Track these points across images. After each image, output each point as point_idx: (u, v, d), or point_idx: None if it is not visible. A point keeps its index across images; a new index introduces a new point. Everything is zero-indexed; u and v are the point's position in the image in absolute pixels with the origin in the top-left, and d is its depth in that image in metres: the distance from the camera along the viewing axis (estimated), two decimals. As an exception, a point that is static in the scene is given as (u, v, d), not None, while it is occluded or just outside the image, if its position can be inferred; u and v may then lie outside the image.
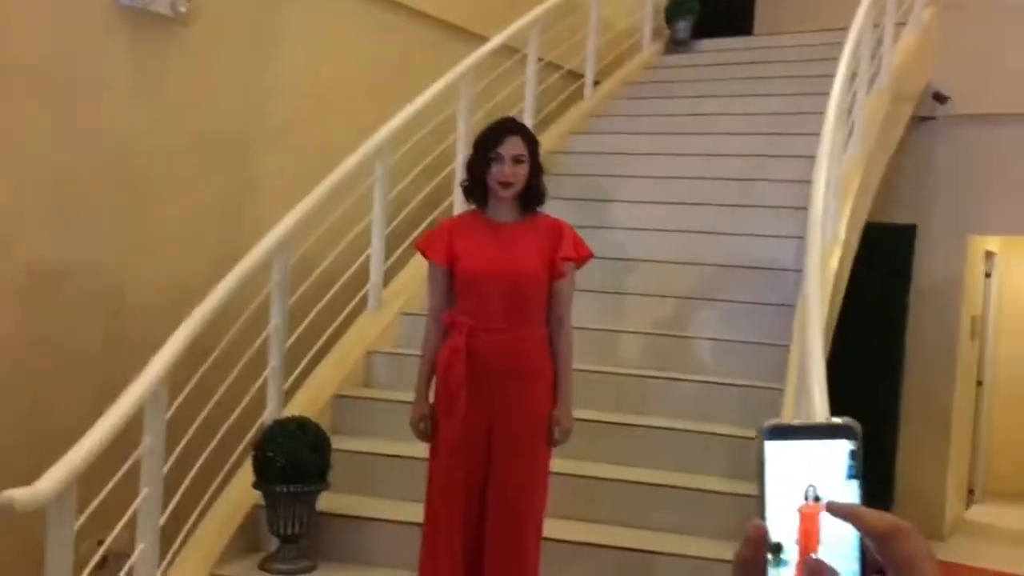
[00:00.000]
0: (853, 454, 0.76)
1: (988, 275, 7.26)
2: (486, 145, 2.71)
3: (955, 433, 6.62)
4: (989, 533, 6.82)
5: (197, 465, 3.07)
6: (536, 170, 2.74)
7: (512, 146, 2.68)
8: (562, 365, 2.74)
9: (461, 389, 2.61)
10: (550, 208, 2.84)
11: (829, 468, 0.76)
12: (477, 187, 2.74)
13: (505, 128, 2.74)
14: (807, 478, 0.76)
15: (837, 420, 0.76)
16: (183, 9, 3.84)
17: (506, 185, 2.68)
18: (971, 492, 7.37)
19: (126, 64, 3.74)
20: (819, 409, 2.51)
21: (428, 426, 2.69)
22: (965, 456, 7.09)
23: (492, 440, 2.64)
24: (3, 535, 3.06)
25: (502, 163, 2.68)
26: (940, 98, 6.29)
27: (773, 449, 0.75)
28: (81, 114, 3.56)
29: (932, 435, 6.52)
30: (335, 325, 3.94)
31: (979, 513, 7.28)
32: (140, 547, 2.69)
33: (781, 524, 0.76)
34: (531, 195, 2.74)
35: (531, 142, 2.74)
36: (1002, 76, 6.18)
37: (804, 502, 0.77)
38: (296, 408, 3.55)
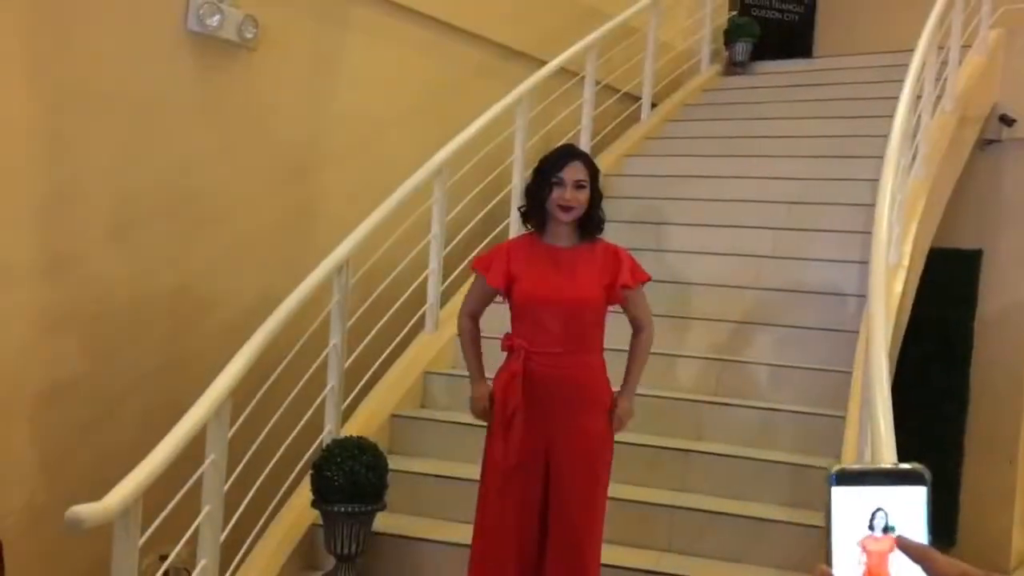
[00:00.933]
0: (927, 501, 0.74)
1: (1057, 302, 7.05)
2: (548, 169, 2.73)
3: (1022, 465, 6.42)
4: (1058, 568, 6.59)
5: (258, 483, 3.11)
6: (596, 197, 2.74)
7: (574, 171, 2.69)
8: (635, 358, 2.80)
9: (518, 414, 2.61)
10: (607, 230, 2.85)
11: (900, 515, 0.74)
12: (536, 211, 2.75)
13: (568, 153, 2.76)
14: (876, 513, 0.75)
15: (907, 465, 0.74)
16: (250, 35, 3.93)
17: (567, 209, 2.69)
18: (1039, 525, 7.13)
19: (194, 87, 3.84)
20: (885, 440, 2.46)
21: (491, 405, 2.71)
22: (1033, 488, 6.87)
23: (550, 466, 2.64)
24: (71, 549, 3.13)
25: (563, 187, 2.69)
26: (1007, 120, 6.15)
27: (841, 495, 0.73)
28: (148, 135, 3.66)
29: (998, 467, 6.33)
30: (393, 345, 3.98)
31: (1047, 547, 7.03)
32: (202, 562, 2.73)
33: (849, 570, 0.74)
34: (590, 222, 2.74)
35: (592, 168, 2.75)
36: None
37: (870, 532, 0.75)
38: (354, 428, 3.58)
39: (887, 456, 2.40)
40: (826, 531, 0.74)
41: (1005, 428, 6.33)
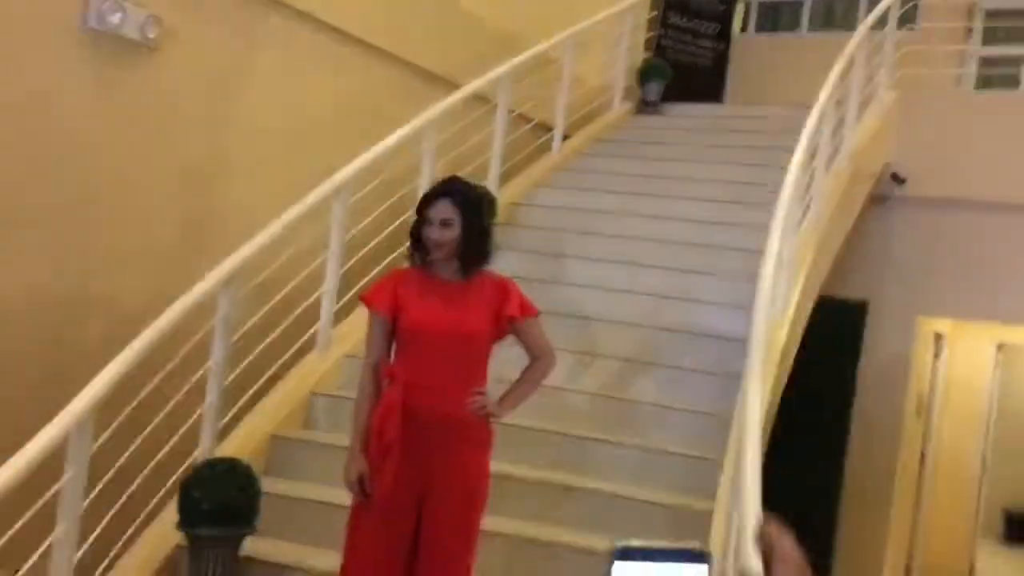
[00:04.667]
0: None
1: (936, 356, 7.36)
2: (420, 207, 2.74)
3: (896, 510, 6.66)
4: (923, 613, 6.84)
5: (120, 502, 2.99)
6: (473, 232, 2.71)
7: (440, 210, 2.69)
8: (524, 380, 2.79)
9: (395, 445, 2.57)
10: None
11: None
12: (420, 246, 2.74)
13: (436, 192, 2.76)
14: None
15: (692, 544, 0.75)
16: (152, 35, 3.82)
17: (435, 247, 2.69)
18: (908, 571, 7.40)
19: (90, 85, 3.70)
20: (750, 489, 2.50)
21: (368, 483, 2.63)
22: (905, 533, 7.14)
23: (425, 501, 2.60)
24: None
25: (431, 226, 2.69)
26: (897, 179, 6.42)
27: (623, 571, 0.74)
28: (38, 132, 3.52)
29: (874, 511, 6.55)
30: (279, 364, 3.89)
31: (915, 591, 7.31)
32: (51, 584, 2.60)
33: None
34: (468, 257, 2.73)
35: (465, 205, 2.71)
36: (959, 162, 6.32)
37: None
38: (231, 446, 3.48)
39: (751, 505, 2.43)
40: None
41: (881, 474, 6.56)
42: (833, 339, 6.23)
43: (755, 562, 2.18)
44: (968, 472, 7.94)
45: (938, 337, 7.31)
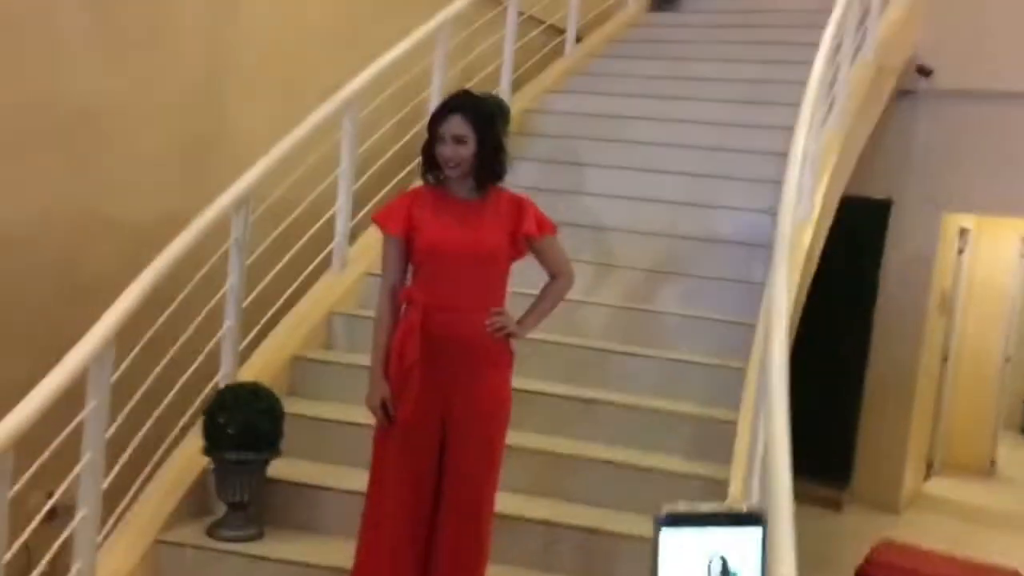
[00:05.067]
0: (763, 542, 0.70)
1: (961, 252, 7.26)
2: (432, 124, 2.63)
3: (918, 407, 6.66)
4: (944, 507, 6.92)
5: (145, 428, 2.99)
6: (488, 148, 2.61)
7: (452, 126, 2.58)
8: (544, 298, 2.76)
9: (415, 369, 2.54)
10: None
11: (739, 558, 0.70)
12: (433, 165, 2.65)
13: (447, 107, 2.64)
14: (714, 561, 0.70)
15: (743, 507, 0.70)
16: (146, -54, 3.66)
17: (448, 166, 2.60)
18: (930, 465, 7.46)
19: (88, 6, 3.57)
20: (777, 397, 2.44)
21: (390, 407, 2.61)
22: (926, 430, 7.16)
23: (447, 424, 2.59)
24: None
25: (444, 143, 2.59)
26: (924, 71, 6.21)
27: (671, 538, 0.68)
28: (33, 52, 3.40)
29: (895, 408, 6.56)
30: (296, 284, 3.85)
31: (936, 486, 7.38)
32: (82, 512, 2.63)
33: None
34: (485, 172, 2.64)
35: (478, 120, 2.60)
36: (986, 52, 6.10)
37: None
38: (253, 370, 3.47)
39: (779, 414, 2.38)
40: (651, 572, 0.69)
41: (904, 371, 6.55)
42: (856, 238, 6.14)
43: (784, 473, 2.16)
44: (990, 368, 7.92)
45: (963, 232, 7.19)
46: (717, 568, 0.70)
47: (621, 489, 3.22)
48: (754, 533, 0.70)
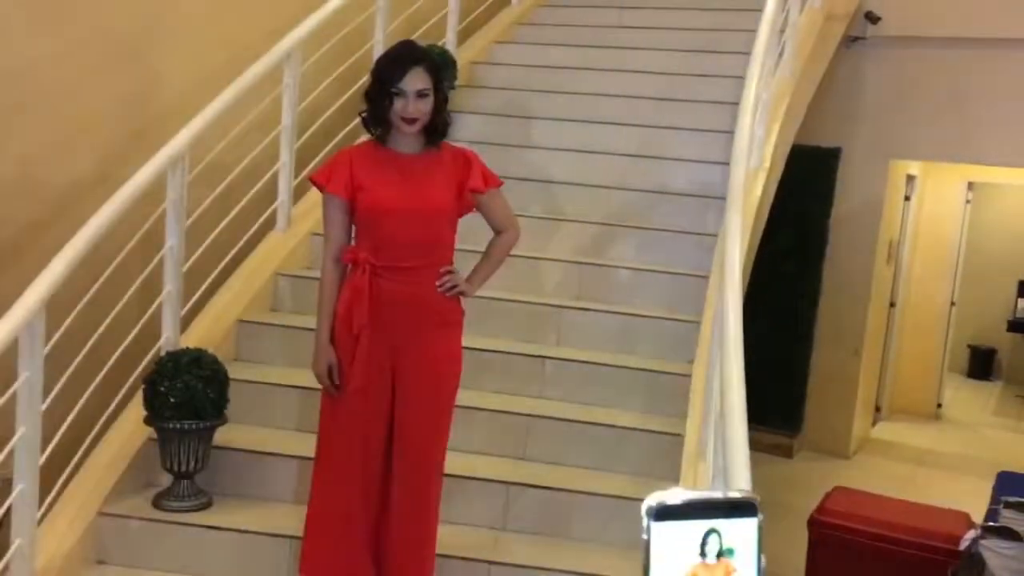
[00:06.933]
0: (759, 531, 0.65)
1: (908, 198, 7.32)
2: (387, 78, 2.48)
3: (866, 354, 6.75)
4: (892, 451, 7.05)
5: (84, 399, 2.88)
6: (440, 101, 2.51)
7: (415, 79, 2.46)
8: (489, 256, 2.68)
9: (364, 332, 2.46)
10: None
11: (735, 538, 0.65)
12: (379, 120, 2.53)
13: (407, 59, 2.49)
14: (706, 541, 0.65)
15: (737, 495, 0.65)
16: None
17: (411, 122, 2.48)
18: (878, 410, 7.60)
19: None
20: (732, 351, 2.41)
21: (336, 374, 2.53)
22: (874, 376, 7.28)
23: (395, 386, 2.52)
24: None
25: (406, 99, 2.46)
26: (872, 18, 6.18)
27: (662, 532, 0.63)
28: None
29: (844, 356, 6.64)
30: (239, 245, 3.73)
31: (884, 431, 7.52)
32: (19, 487, 2.52)
33: None
34: (435, 128, 2.53)
35: (436, 71, 2.51)
36: (934, -3, 6.10)
37: (701, 559, 0.65)
38: (196, 334, 3.36)
39: (734, 367, 2.35)
40: (644, 569, 0.63)
41: (853, 322, 6.62)
42: (805, 187, 6.14)
43: (739, 422, 2.14)
44: (936, 312, 8.05)
45: (910, 179, 7.24)
46: (715, 545, 0.64)
47: (577, 446, 3.19)
48: (749, 524, 0.64)
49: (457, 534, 2.83)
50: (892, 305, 7.44)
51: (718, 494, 0.64)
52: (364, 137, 2.74)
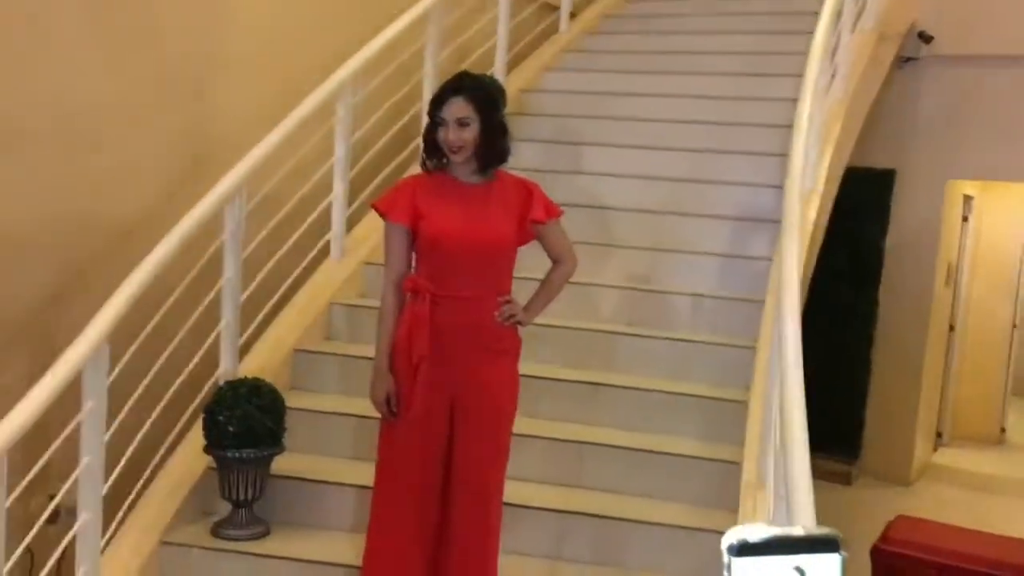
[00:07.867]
0: (842, 569, 0.64)
1: (965, 219, 7.18)
2: (432, 108, 2.55)
3: (926, 378, 6.61)
4: (954, 477, 6.87)
5: (144, 428, 2.93)
6: (491, 129, 2.53)
7: (455, 109, 2.49)
8: (546, 285, 2.70)
9: (423, 361, 2.47)
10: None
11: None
12: (434, 150, 2.57)
13: (448, 89, 2.55)
14: None
15: (819, 531, 0.63)
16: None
17: (455, 151, 2.52)
18: (939, 435, 7.42)
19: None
20: (792, 375, 2.38)
21: (395, 403, 2.54)
22: (934, 401, 7.11)
23: (455, 414, 2.52)
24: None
25: (446, 127, 2.51)
26: (925, 37, 6.10)
27: (744, 568, 0.62)
28: (25, 50, 3.31)
29: (903, 380, 6.50)
30: (294, 275, 3.78)
31: (946, 456, 7.33)
32: (82, 517, 2.56)
33: None
34: (486, 157, 2.55)
35: (481, 101, 2.52)
36: (987, 16, 6.00)
37: None
38: (253, 363, 3.41)
39: (794, 391, 2.32)
40: None
41: (912, 343, 6.49)
42: (860, 209, 6.06)
43: (801, 451, 2.10)
44: (999, 334, 7.85)
45: (967, 199, 7.11)
46: None
47: (633, 474, 3.16)
48: (832, 560, 0.63)
49: (512, 564, 2.81)
50: (952, 328, 7.28)
51: (799, 531, 0.62)
52: (415, 167, 2.77)
